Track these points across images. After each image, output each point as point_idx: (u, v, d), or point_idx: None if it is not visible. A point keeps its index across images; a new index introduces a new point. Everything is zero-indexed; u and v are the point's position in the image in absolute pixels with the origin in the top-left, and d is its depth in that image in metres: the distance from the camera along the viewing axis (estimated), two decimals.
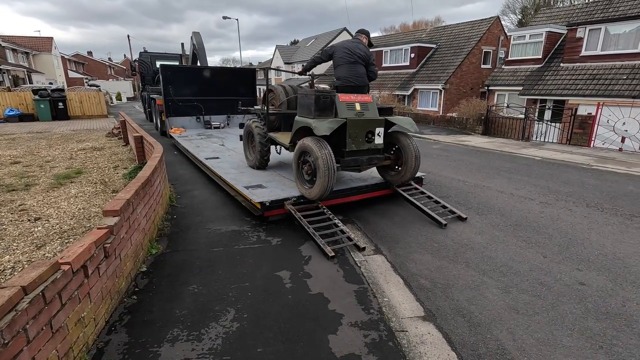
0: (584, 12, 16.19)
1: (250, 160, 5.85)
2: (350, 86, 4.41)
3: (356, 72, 4.44)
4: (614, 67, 12.80)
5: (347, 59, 4.41)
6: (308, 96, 4.19)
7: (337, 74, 4.49)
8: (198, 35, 12.45)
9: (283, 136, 5.11)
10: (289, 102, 5.44)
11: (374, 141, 4.34)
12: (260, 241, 3.82)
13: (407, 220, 4.57)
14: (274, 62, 34.98)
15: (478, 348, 2.38)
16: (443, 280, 3.21)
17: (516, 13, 32.25)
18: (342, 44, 4.52)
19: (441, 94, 18.36)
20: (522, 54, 15.83)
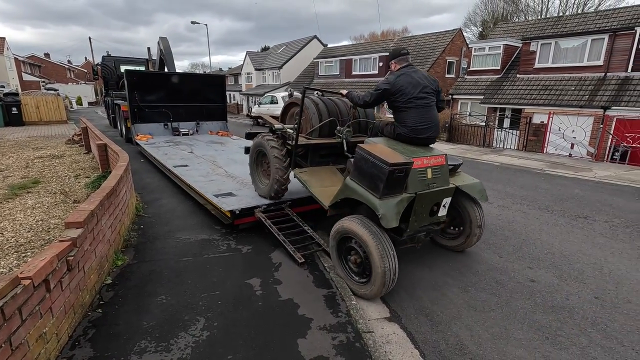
0: (537, 28, 17.44)
1: (261, 188, 4.49)
2: (419, 138, 3.28)
3: (430, 117, 3.25)
4: (563, 79, 13.86)
5: (416, 101, 3.18)
6: (376, 166, 2.80)
7: (400, 119, 3.28)
8: (165, 41, 12.22)
9: (315, 182, 3.73)
10: (322, 128, 4.04)
11: (437, 214, 3.28)
12: (230, 249, 3.82)
13: None
14: (245, 68, 34.79)
15: (439, 345, 2.54)
16: (408, 282, 3.38)
17: (477, 26, 34.10)
18: (405, 79, 3.20)
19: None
20: (483, 64, 16.77)
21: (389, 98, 3.29)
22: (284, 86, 28.41)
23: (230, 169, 6.24)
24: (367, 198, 2.90)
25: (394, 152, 2.95)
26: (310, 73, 27.14)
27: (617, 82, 12.47)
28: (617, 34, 12.67)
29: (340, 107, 4.22)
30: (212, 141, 9.69)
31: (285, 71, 29.76)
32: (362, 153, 2.98)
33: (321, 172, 3.96)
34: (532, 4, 30.44)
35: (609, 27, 13.57)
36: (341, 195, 3.22)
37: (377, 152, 2.84)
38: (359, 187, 3.00)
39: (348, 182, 3.13)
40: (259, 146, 4.39)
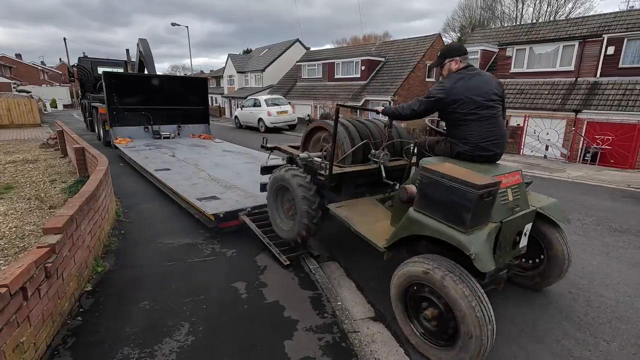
0: (512, 34, 18.06)
1: (282, 229, 3.71)
2: (486, 155, 2.65)
3: (498, 131, 2.63)
4: (537, 83, 14.40)
5: (480, 112, 2.57)
6: (457, 191, 2.12)
7: (460, 134, 2.65)
8: (145, 42, 12.01)
9: (358, 218, 2.99)
10: (355, 154, 3.39)
11: (518, 245, 2.65)
12: (214, 253, 3.79)
13: None
14: (227, 71, 34.49)
15: None
16: None
17: (456, 31, 34.99)
18: (464, 85, 2.57)
19: (390, 105, 19.27)
20: None
21: (444, 108, 2.66)
22: (266, 89, 28.33)
23: (213, 173, 6.18)
24: (446, 233, 2.16)
25: (472, 171, 2.28)
26: (293, 76, 27.17)
27: (587, 87, 13.06)
28: (587, 41, 13.29)
29: (371, 127, 3.62)
30: (194, 144, 9.57)
31: (268, 74, 29.68)
32: (431, 176, 2.24)
33: (360, 206, 3.25)
34: (508, 10, 31.56)
35: (579, 34, 14.21)
36: (404, 233, 2.40)
37: (454, 173, 2.15)
38: (431, 219, 2.25)
39: (413, 215, 2.35)
40: (279, 182, 3.60)
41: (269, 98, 17.20)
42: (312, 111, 23.24)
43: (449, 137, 2.80)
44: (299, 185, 3.31)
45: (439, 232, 2.21)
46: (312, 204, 3.28)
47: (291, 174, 3.41)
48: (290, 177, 3.40)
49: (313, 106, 23.05)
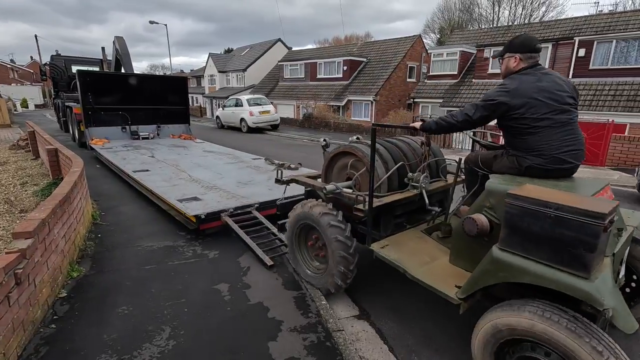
0: (489, 36, 18.56)
1: (311, 275, 3.12)
2: (562, 169, 2.18)
3: (577, 139, 2.20)
4: None
5: (554, 117, 2.13)
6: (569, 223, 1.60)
7: (529, 144, 2.19)
8: (121, 40, 11.67)
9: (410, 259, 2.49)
10: (390, 178, 2.88)
11: (618, 276, 2.11)
12: (196, 255, 3.72)
13: None
14: (207, 71, 33.98)
15: (406, 339, 2.62)
16: (378, 280, 3.45)
17: (435, 32, 35.65)
18: (531, 86, 2.14)
19: (372, 105, 19.47)
20: (441, 69, 17.56)
21: (506, 114, 2.17)
22: (248, 89, 28.08)
23: (194, 173, 6.06)
24: (559, 281, 1.61)
25: (578, 195, 1.84)
26: (275, 76, 27.04)
27: None
28: (559, 43, 13.80)
29: (403, 147, 3.13)
30: (174, 145, 9.37)
31: (249, 74, 29.43)
32: (525, 204, 1.71)
33: (407, 242, 2.75)
34: (485, 13, 32.38)
35: (552, 37, 14.73)
36: (490, 280, 1.84)
37: (558, 199, 1.65)
38: (530, 262, 1.71)
39: (501, 257, 1.79)
40: (303, 220, 3.00)
41: (250, 98, 17.04)
42: (294, 111, 23.19)
43: (510, 150, 2.31)
44: (330, 225, 2.71)
45: (547, 279, 1.63)
46: (348, 247, 2.71)
47: (319, 212, 2.79)
48: (318, 215, 2.79)
49: (296, 106, 23.01)
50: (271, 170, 6.39)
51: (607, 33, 13.01)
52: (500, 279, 1.80)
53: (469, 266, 2.22)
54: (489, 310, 1.85)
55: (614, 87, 12.38)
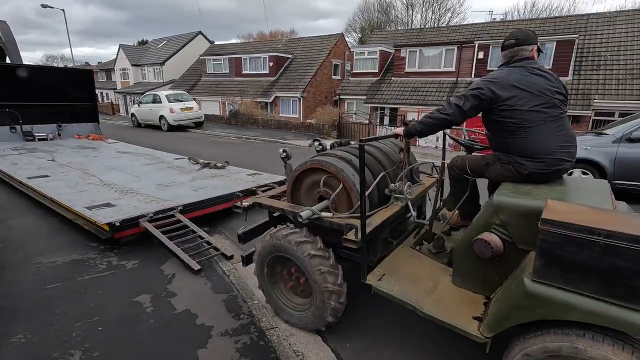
0: (405, 37, 19.94)
1: (291, 314, 2.64)
2: (560, 170, 2.09)
3: (569, 133, 2.11)
4: (427, 82, 16.19)
5: (548, 111, 2.03)
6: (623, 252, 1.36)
7: (525, 145, 2.06)
8: (4, 25, 9.96)
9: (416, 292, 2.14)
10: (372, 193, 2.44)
11: None
12: (111, 267, 3.36)
13: None
14: (119, 64, 30.82)
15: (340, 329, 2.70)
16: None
17: (357, 32, 37.19)
18: (522, 77, 2.05)
19: (300, 101, 19.62)
20: (363, 67, 18.38)
21: (495, 105, 2.04)
22: (168, 84, 26.18)
23: (106, 177, 5.46)
24: (614, 318, 1.39)
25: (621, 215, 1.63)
26: (197, 71, 25.62)
27: (466, 86, 15.15)
28: (463, 46, 15.40)
29: (376, 155, 2.77)
30: (80, 146, 8.33)
31: (168, 68, 27.44)
32: (566, 231, 1.46)
33: (402, 265, 2.41)
34: (400, 15, 34.72)
35: (457, 40, 16.38)
36: (526, 317, 1.59)
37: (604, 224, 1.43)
38: (575, 295, 1.48)
39: (538, 291, 1.55)
40: (275, 252, 2.50)
41: (170, 94, 15.89)
42: (220, 108, 22.29)
43: (502, 156, 2.17)
44: (311, 256, 2.28)
45: (599, 316, 1.41)
46: (335, 277, 2.32)
47: (295, 241, 2.34)
48: (295, 245, 2.32)
49: (221, 102, 22.14)
50: (196, 170, 6.05)
51: (500, 39, 14.89)
52: (539, 316, 1.53)
53: (477, 287, 2.06)
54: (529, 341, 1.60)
55: None
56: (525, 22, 18.04)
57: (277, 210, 2.67)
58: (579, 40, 13.65)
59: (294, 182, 2.69)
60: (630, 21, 14.13)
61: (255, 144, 12.44)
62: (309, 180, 2.61)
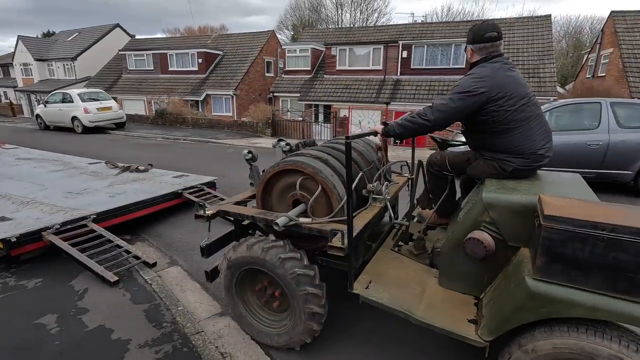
0: (335, 35, 20.44)
1: (267, 334, 2.38)
2: (541, 165, 2.10)
3: (547, 131, 2.10)
4: (357, 80, 16.80)
5: (530, 108, 2.01)
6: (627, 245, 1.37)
7: (510, 142, 2.03)
8: None
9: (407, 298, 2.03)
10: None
11: None
12: (7, 289, 2.95)
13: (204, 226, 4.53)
14: (18, 58, 26.97)
15: None
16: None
17: (289, 29, 37.17)
18: (504, 74, 1.99)
19: (233, 99, 19.08)
20: (296, 65, 18.47)
21: (485, 106, 1.95)
22: (82, 81, 23.62)
23: (1, 188, 4.77)
24: (618, 312, 1.39)
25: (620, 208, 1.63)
26: (116, 67, 23.47)
27: (392, 83, 16.05)
28: (389, 45, 16.26)
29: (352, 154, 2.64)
30: None
31: (82, 64, 24.75)
32: (571, 227, 1.44)
33: (387, 270, 2.30)
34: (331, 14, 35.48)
35: (383, 40, 17.24)
36: (528, 318, 1.55)
37: (608, 218, 1.43)
38: (578, 292, 1.47)
39: (541, 290, 1.52)
40: (248, 265, 2.23)
41: (84, 92, 14.32)
42: (145, 107, 20.74)
43: (485, 153, 2.14)
44: (296, 274, 2.03)
45: (604, 311, 1.41)
46: (319, 297, 2.09)
47: (275, 254, 2.08)
48: (275, 259, 2.06)
49: (146, 101, 20.62)
50: (114, 175, 5.57)
51: (421, 39, 16.02)
52: (543, 315, 1.51)
53: (466, 288, 2.02)
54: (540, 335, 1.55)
55: (429, 84, 15.39)
56: (443, 24, 19.62)
57: (246, 218, 2.38)
58: None
59: (265, 185, 2.42)
60: (526, 27, 16.16)
61: (185, 145, 11.83)
62: (282, 183, 2.36)
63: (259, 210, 2.37)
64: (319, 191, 2.11)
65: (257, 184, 2.52)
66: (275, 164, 2.33)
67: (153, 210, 4.53)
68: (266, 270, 2.15)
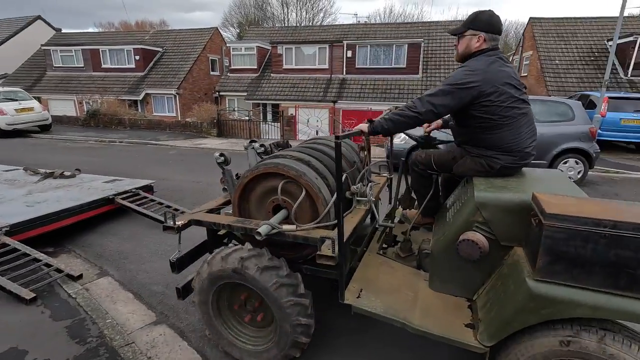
0: (281, 34, 20.35)
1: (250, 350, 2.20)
2: (527, 163, 2.09)
3: (534, 129, 2.08)
4: (304, 79, 16.88)
5: (521, 105, 1.98)
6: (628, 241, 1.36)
7: (500, 139, 1.98)
8: None
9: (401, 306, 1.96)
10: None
11: None
12: None
13: (139, 232, 4.32)
14: None
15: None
16: (177, 279, 3.30)
17: (235, 27, 36.25)
18: (498, 69, 1.94)
19: (176, 98, 18.19)
20: (242, 63, 18.08)
21: (476, 101, 1.90)
22: None
23: None
24: (619, 309, 1.38)
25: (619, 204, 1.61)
26: (39, 64, 21.18)
27: (339, 82, 16.35)
28: (334, 45, 16.52)
29: (332, 154, 2.41)
30: None
31: None
32: (573, 225, 1.42)
33: (377, 276, 2.21)
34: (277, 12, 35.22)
35: (329, 39, 17.48)
36: (530, 320, 1.51)
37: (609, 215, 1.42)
38: (580, 291, 1.45)
39: (543, 291, 1.48)
40: (225, 279, 2.06)
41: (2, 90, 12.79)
42: (75, 107, 19.03)
43: (472, 149, 2.10)
44: (278, 285, 1.92)
45: (606, 309, 1.39)
46: (305, 308, 1.99)
47: (254, 266, 1.93)
48: (255, 272, 1.92)
49: (77, 101, 18.92)
50: (34, 182, 5.05)
51: (364, 40, 16.50)
52: (546, 317, 1.48)
53: (458, 290, 1.98)
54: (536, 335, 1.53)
55: (373, 83, 15.91)
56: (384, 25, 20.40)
57: (221, 228, 2.20)
58: (424, 43, 16.09)
59: (242, 191, 2.22)
60: None
61: (121, 148, 11.06)
62: (261, 187, 2.17)
63: (236, 219, 2.19)
64: (303, 195, 1.97)
65: (231, 189, 2.34)
66: (254, 167, 2.16)
67: (80, 219, 4.18)
68: (245, 283, 1.99)
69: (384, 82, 15.76)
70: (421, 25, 18.98)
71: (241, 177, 2.20)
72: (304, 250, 2.12)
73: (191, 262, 2.47)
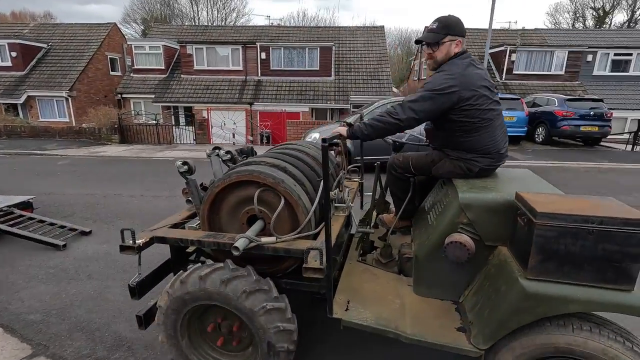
0: (190, 33, 19.36)
1: None
2: (500, 164, 2.13)
3: (505, 130, 2.11)
4: (218, 80, 16.35)
5: (496, 107, 2.00)
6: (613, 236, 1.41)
7: (477, 142, 1.99)
8: None
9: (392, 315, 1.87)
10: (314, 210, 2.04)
11: None
12: None
13: (12, 256, 3.75)
14: None
15: (96, 350, 2.42)
16: (60, 304, 2.96)
17: (138, 23, 33.35)
18: (474, 73, 1.94)
19: (69, 101, 16.10)
20: (147, 63, 16.75)
21: (456, 106, 1.90)
22: None
23: None
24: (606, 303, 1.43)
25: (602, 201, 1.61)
26: None
27: (254, 84, 16.20)
28: (247, 46, 16.31)
29: (308, 161, 2.33)
30: None
31: None
32: (564, 223, 1.44)
33: (361, 285, 2.11)
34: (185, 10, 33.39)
35: (242, 40, 17.19)
36: (525, 319, 1.51)
37: (595, 211, 1.45)
38: (573, 287, 1.47)
39: (536, 289, 1.49)
40: (198, 302, 1.84)
41: None
42: None
43: (450, 152, 2.10)
44: (265, 310, 1.75)
45: (595, 303, 1.43)
46: (292, 333, 1.83)
47: (236, 288, 1.74)
48: (240, 296, 1.73)
49: None
50: None
51: (278, 42, 16.60)
52: (540, 315, 1.49)
53: (444, 294, 1.96)
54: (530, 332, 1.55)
55: (289, 84, 16.11)
56: (297, 28, 20.77)
57: (190, 244, 1.98)
58: (335, 47, 16.81)
59: (212, 202, 2.02)
60: (366, 35, 18.54)
61: None
62: (234, 197, 2.00)
63: (207, 233, 2.00)
64: (282, 204, 1.85)
65: (196, 200, 2.15)
66: (225, 175, 1.98)
67: None
68: (225, 306, 1.81)
69: (299, 84, 16.06)
70: (333, 29, 19.81)
71: (210, 186, 2.02)
72: (283, 264, 2.00)
73: (153, 286, 2.20)
